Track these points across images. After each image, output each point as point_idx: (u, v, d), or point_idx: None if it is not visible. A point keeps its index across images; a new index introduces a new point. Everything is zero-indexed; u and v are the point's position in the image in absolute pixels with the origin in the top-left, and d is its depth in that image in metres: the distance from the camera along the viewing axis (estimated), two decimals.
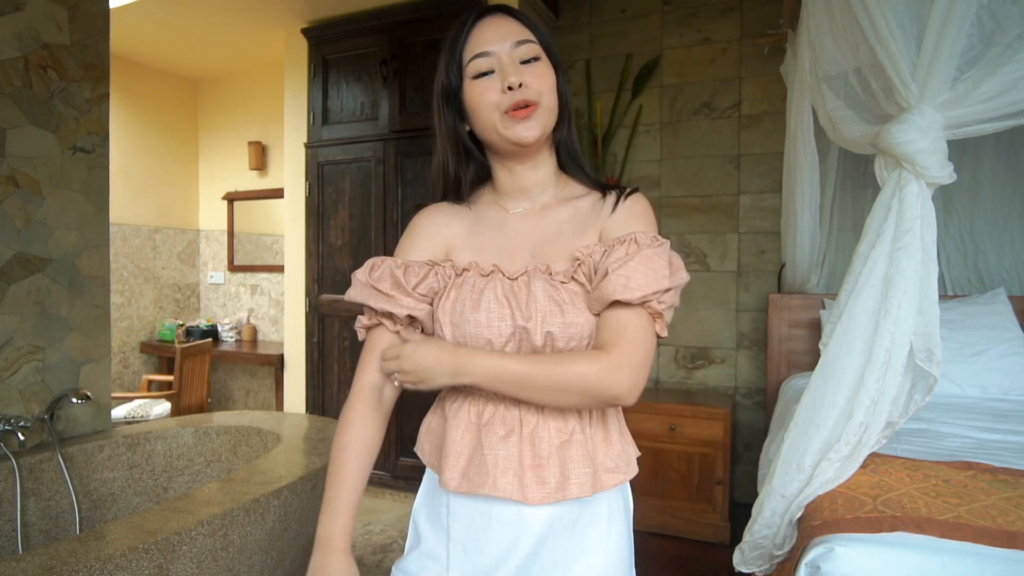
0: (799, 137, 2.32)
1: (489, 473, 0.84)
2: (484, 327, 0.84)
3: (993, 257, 2.59)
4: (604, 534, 0.90)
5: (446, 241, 0.94)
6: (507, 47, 0.86)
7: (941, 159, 1.25)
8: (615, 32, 3.32)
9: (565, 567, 0.88)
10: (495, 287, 0.86)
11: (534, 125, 0.86)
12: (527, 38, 0.88)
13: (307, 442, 1.85)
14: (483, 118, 0.88)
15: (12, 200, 1.75)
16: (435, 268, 0.92)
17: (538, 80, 0.87)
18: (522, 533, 0.87)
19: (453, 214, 0.96)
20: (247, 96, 4.56)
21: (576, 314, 0.84)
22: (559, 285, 0.86)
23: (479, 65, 0.87)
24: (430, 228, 0.95)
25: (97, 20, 1.96)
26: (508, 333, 0.84)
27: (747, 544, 1.40)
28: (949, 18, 1.20)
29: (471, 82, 0.88)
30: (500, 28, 0.88)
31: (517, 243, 0.92)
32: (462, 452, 0.87)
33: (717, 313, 3.17)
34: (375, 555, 2.52)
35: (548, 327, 0.83)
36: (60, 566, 1.07)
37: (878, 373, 1.24)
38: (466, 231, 0.95)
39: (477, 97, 0.87)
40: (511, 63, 0.86)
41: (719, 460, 2.67)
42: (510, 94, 0.85)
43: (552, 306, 0.84)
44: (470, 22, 0.90)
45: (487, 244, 0.93)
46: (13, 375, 1.76)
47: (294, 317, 3.57)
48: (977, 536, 1.04)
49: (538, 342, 0.84)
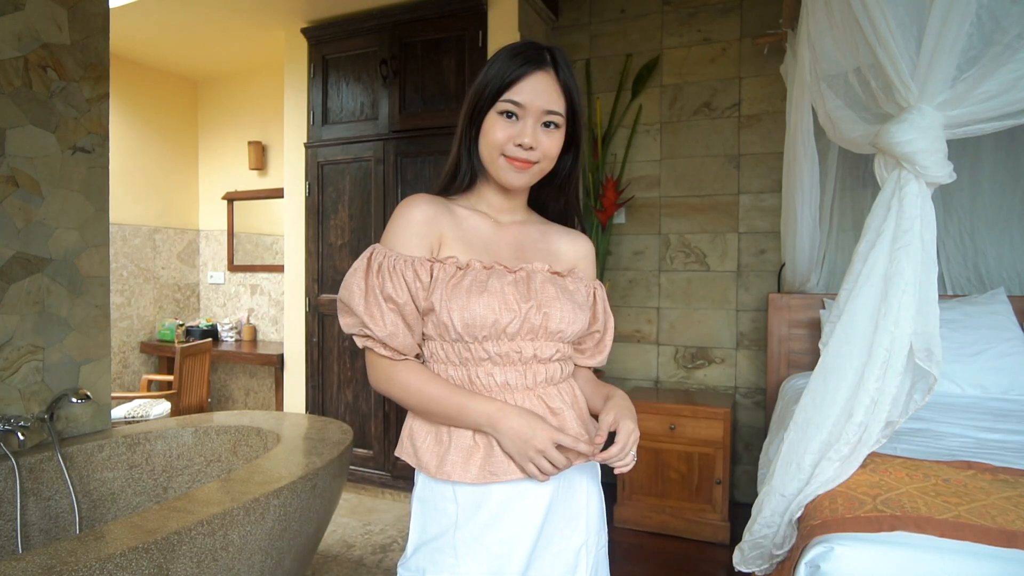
0: (799, 137, 2.32)
1: (505, 459, 0.92)
2: (493, 307, 0.92)
3: (993, 257, 2.58)
4: (584, 500, 1.03)
5: (440, 233, 0.99)
6: (539, 109, 0.96)
7: (941, 158, 1.25)
8: (615, 32, 3.32)
9: (561, 536, 0.99)
10: (499, 276, 0.96)
11: (525, 178, 0.99)
12: (558, 111, 0.97)
13: (307, 442, 1.85)
14: (487, 148, 0.98)
15: (12, 200, 1.75)
16: (436, 265, 0.96)
17: (548, 146, 0.98)
18: (532, 511, 0.95)
19: (442, 207, 1.01)
20: (247, 96, 4.56)
21: (571, 305, 0.99)
22: (559, 277, 1.01)
23: (508, 107, 0.96)
24: (424, 219, 0.99)
25: (97, 20, 1.96)
26: (515, 313, 0.93)
27: (747, 543, 1.40)
28: (949, 17, 1.20)
29: (495, 114, 0.97)
30: (543, 90, 0.96)
31: (501, 246, 1.02)
32: (477, 444, 0.94)
33: (717, 313, 3.17)
34: (375, 555, 2.52)
35: (545, 308, 0.95)
36: (60, 566, 1.07)
37: (878, 372, 1.24)
38: (455, 226, 1.01)
39: (490, 129, 0.97)
40: (535, 124, 0.96)
41: (719, 460, 2.67)
42: (518, 148, 0.96)
43: (554, 291, 0.98)
44: (525, 65, 0.95)
45: (476, 241, 1.01)
46: (13, 375, 1.76)
47: (294, 317, 3.57)
48: (977, 535, 1.04)
49: (536, 321, 0.95)
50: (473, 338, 0.94)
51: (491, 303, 0.92)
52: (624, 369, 3.36)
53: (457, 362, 0.96)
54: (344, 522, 2.86)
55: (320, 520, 1.73)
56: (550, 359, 0.99)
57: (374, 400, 3.29)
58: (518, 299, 0.94)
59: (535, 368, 0.97)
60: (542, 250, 1.05)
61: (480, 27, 3.01)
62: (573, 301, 1.00)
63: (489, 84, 0.96)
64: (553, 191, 1.10)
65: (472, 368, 0.96)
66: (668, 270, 3.27)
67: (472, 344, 0.94)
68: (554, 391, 0.99)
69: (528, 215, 1.10)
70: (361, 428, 3.33)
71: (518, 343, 0.95)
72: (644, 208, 3.30)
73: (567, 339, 1.00)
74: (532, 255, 1.03)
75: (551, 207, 1.12)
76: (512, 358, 0.95)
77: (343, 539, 2.68)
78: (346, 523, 2.85)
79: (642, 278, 3.31)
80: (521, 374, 0.96)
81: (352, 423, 3.33)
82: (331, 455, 1.73)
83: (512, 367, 0.96)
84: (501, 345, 0.94)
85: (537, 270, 0.99)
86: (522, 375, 0.96)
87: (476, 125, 1.00)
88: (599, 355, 1.14)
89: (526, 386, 0.97)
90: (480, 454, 0.93)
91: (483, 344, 0.94)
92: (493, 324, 0.92)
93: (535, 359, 0.97)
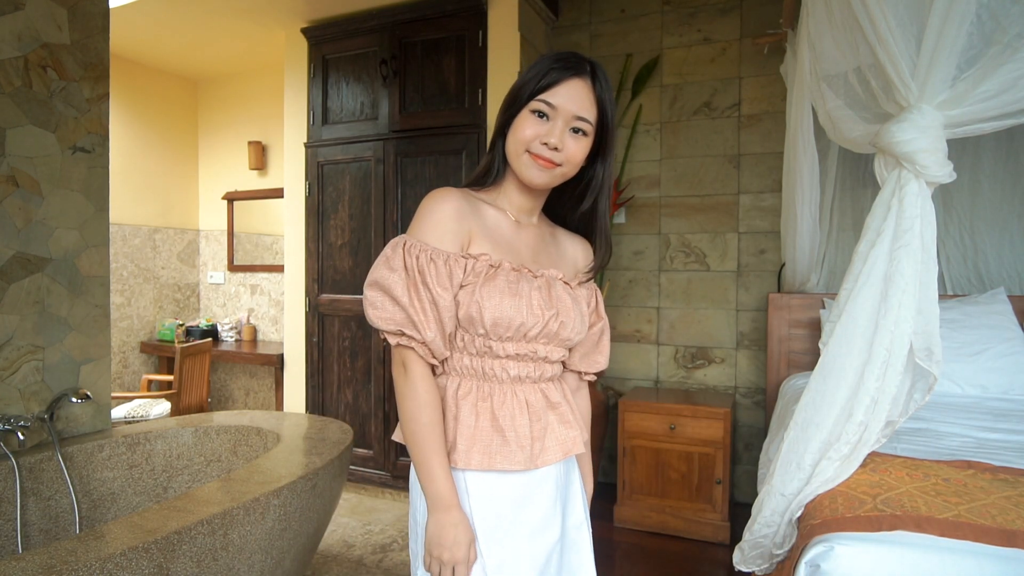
0: (799, 137, 2.32)
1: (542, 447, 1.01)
2: (523, 312, 0.97)
3: (993, 256, 2.58)
4: (578, 485, 1.13)
5: (469, 228, 1.00)
6: (570, 113, 0.98)
7: (941, 158, 1.25)
8: (615, 32, 3.32)
9: (563, 518, 1.07)
10: (528, 281, 1.00)
11: (546, 177, 1.01)
12: (588, 119, 0.99)
13: (307, 442, 1.85)
14: (514, 142, 1.01)
15: (12, 200, 1.75)
16: (470, 261, 0.98)
17: (574, 151, 1.00)
18: (549, 492, 1.04)
19: (471, 202, 1.03)
20: (247, 96, 4.56)
21: (580, 316, 1.06)
22: (571, 290, 1.07)
23: (541, 107, 0.98)
24: (457, 215, 0.99)
25: (97, 20, 1.96)
26: (539, 318, 0.98)
27: (747, 543, 1.40)
28: (949, 17, 1.20)
29: (527, 112, 0.99)
30: (577, 96, 0.98)
31: (521, 247, 1.05)
32: (526, 434, 1.00)
33: (717, 313, 3.17)
34: (375, 554, 2.52)
35: (562, 317, 1.01)
36: (60, 565, 1.07)
37: (878, 372, 1.24)
38: (482, 223, 1.02)
39: (520, 125, 1.00)
40: (564, 127, 0.98)
41: (719, 460, 2.67)
42: (544, 146, 0.98)
43: (570, 301, 1.04)
44: (564, 71, 0.98)
45: (500, 239, 1.03)
46: (13, 375, 1.76)
47: (294, 317, 3.57)
48: (977, 535, 1.04)
49: (554, 328, 1.01)
50: (497, 336, 0.98)
51: (520, 306, 0.97)
52: (624, 369, 3.36)
53: (475, 353, 1.00)
54: (344, 522, 2.86)
55: (320, 520, 1.73)
56: (556, 361, 1.07)
57: (374, 400, 3.29)
58: (542, 306, 0.99)
59: (543, 367, 1.05)
60: (553, 254, 1.10)
61: (480, 27, 3.01)
62: (580, 312, 1.07)
63: (527, 84, 0.99)
64: (574, 202, 1.12)
65: (488, 361, 1.00)
66: (668, 270, 3.27)
67: (495, 342, 0.99)
68: (552, 386, 1.07)
69: (540, 219, 1.13)
70: (361, 428, 3.33)
71: (535, 345, 1.01)
72: (644, 208, 3.30)
73: (572, 345, 1.08)
74: (546, 259, 1.07)
75: (570, 218, 1.15)
76: (527, 357, 1.01)
77: (343, 539, 2.68)
78: (346, 523, 2.85)
79: (642, 278, 3.31)
80: (532, 370, 1.03)
81: (352, 423, 3.32)
82: (331, 455, 1.73)
83: (524, 364, 1.02)
84: (520, 346, 1.00)
85: (554, 277, 1.05)
86: (532, 371, 1.03)
87: (510, 123, 1.02)
88: (599, 356, 1.19)
89: (532, 380, 1.03)
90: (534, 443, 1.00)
91: (504, 343, 0.99)
92: (519, 326, 0.97)
93: (545, 360, 1.04)
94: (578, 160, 1.01)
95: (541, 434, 1.01)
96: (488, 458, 0.96)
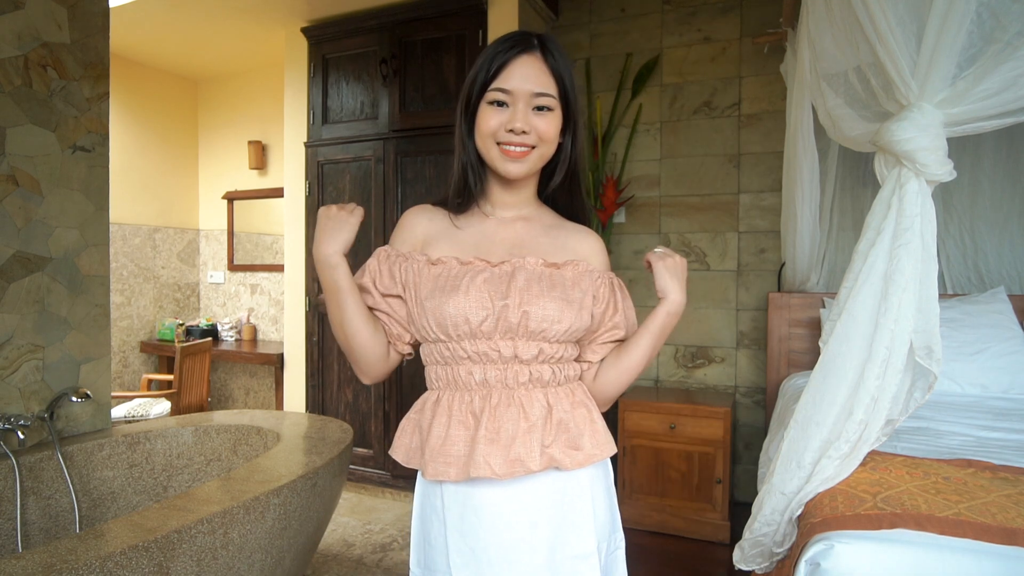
0: (799, 136, 2.32)
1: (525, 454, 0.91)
2: (462, 306, 0.90)
3: (993, 256, 2.58)
4: (591, 505, 0.97)
5: (425, 234, 1.02)
6: (527, 92, 0.93)
7: (941, 156, 1.25)
8: (615, 31, 3.32)
9: (565, 544, 0.95)
10: (475, 272, 0.94)
11: (524, 167, 0.96)
12: (548, 92, 0.94)
13: (307, 441, 1.85)
14: (481, 139, 0.97)
15: (12, 199, 1.75)
16: (407, 258, 0.98)
17: (544, 128, 0.95)
18: (525, 515, 0.94)
19: (433, 212, 1.04)
20: (247, 95, 4.56)
21: (560, 303, 0.93)
22: (554, 270, 0.97)
23: (497, 96, 0.94)
24: (410, 225, 1.03)
25: (97, 19, 1.96)
26: (487, 310, 0.91)
27: (747, 542, 1.40)
28: (949, 15, 1.20)
29: (485, 105, 0.95)
30: (530, 74, 0.94)
31: (495, 243, 1.00)
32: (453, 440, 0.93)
33: (717, 312, 3.17)
34: (375, 554, 2.52)
35: (525, 307, 0.91)
36: (60, 564, 1.07)
37: (878, 371, 1.24)
38: (444, 227, 1.02)
39: (482, 120, 0.96)
40: (525, 108, 0.94)
41: (719, 459, 2.67)
42: (510, 133, 0.93)
43: (540, 288, 0.93)
44: (508, 53, 0.94)
45: (464, 240, 1.00)
46: (13, 374, 1.75)
47: (294, 316, 3.57)
48: (977, 533, 1.04)
49: (513, 320, 0.91)
50: (449, 337, 0.93)
51: (459, 301, 0.90)
52: None
53: (441, 361, 0.96)
54: (344, 521, 2.86)
55: (320, 519, 1.73)
56: (534, 359, 0.93)
57: (374, 399, 3.29)
58: (493, 296, 0.91)
59: (516, 368, 0.93)
60: (544, 244, 1.01)
61: (480, 26, 3.01)
62: (565, 299, 0.93)
63: (477, 77, 0.95)
64: (545, 177, 1.06)
65: (454, 367, 0.95)
66: None
67: (450, 343, 0.94)
68: (539, 394, 0.94)
69: (537, 210, 1.06)
70: (361, 427, 3.33)
71: (495, 342, 0.92)
72: (644, 207, 3.30)
73: (553, 339, 0.93)
74: (532, 251, 0.99)
75: (561, 200, 1.07)
76: (491, 356, 0.92)
77: (343, 538, 2.68)
78: (346, 522, 2.85)
79: (642, 277, 3.31)
80: (501, 372, 0.93)
81: (352, 422, 3.32)
82: (331, 454, 1.73)
83: (492, 365, 0.93)
84: (478, 344, 0.92)
85: (524, 265, 0.95)
86: (502, 373, 0.93)
87: (471, 122, 0.98)
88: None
89: (506, 384, 0.93)
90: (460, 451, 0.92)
91: (460, 343, 0.93)
92: (465, 322, 0.90)
93: (516, 359, 0.93)
94: (551, 136, 0.96)
95: (492, 440, 0.90)
96: (434, 466, 0.92)
